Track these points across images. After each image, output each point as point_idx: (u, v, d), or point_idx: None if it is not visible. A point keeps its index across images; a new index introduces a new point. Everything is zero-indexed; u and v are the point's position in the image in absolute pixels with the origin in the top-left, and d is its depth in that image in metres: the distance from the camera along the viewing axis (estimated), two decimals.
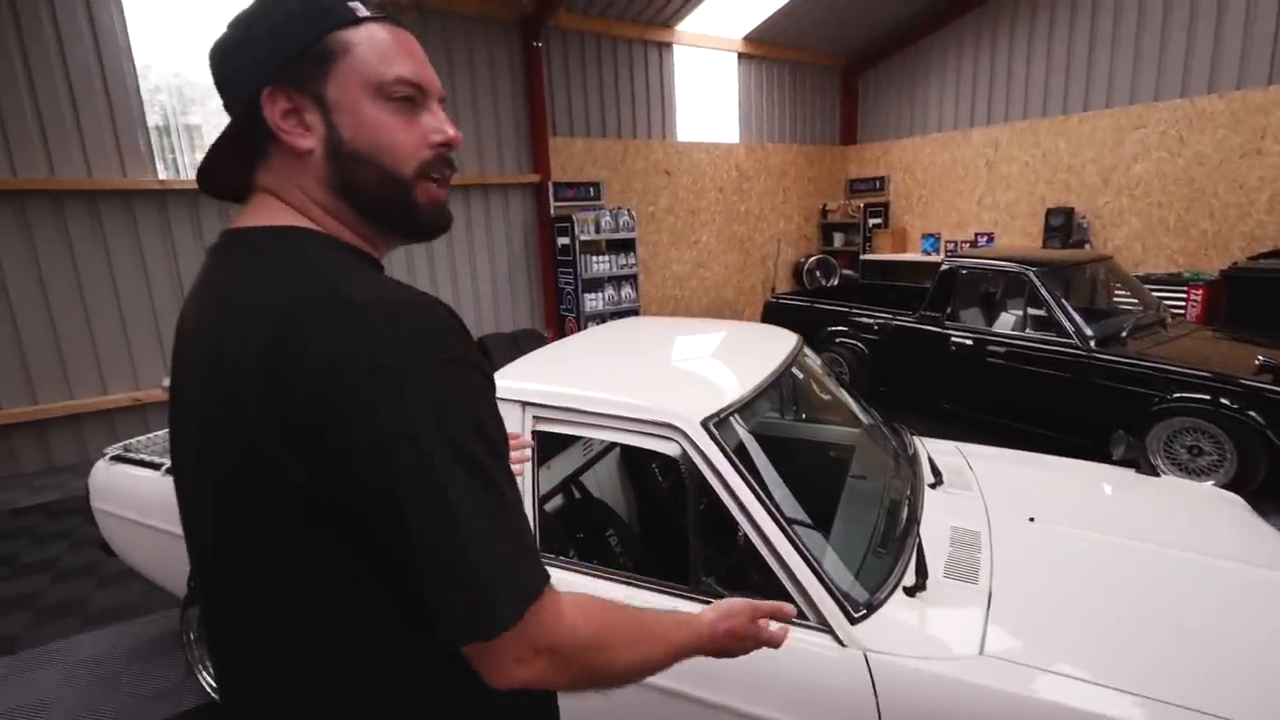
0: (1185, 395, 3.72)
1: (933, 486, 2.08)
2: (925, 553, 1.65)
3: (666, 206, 8.51)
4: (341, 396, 0.61)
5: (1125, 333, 4.24)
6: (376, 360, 0.61)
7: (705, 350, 2.33)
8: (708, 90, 8.79)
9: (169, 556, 2.42)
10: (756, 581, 1.58)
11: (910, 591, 1.56)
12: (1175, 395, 3.75)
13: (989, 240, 8.66)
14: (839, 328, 5.75)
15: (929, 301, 5.11)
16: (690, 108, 8.65)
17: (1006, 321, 4.77)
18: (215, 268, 0.74)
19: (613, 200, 7.84)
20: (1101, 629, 1.52)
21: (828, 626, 1.47)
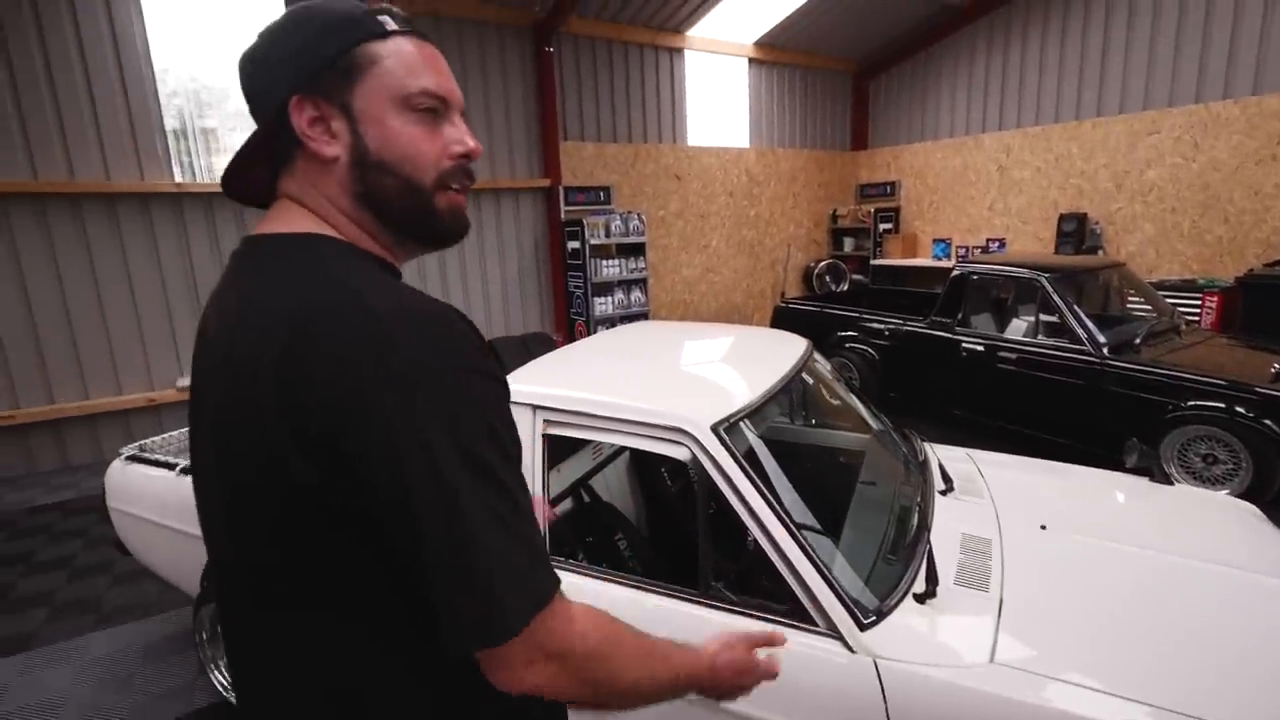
0: (1200, 403, 3.68)
1: (943, 493, 2.07)
2: (935, 559, 1.65)
3: (676, 211, 8.52)
4: (356, 403, 0.61)
5: (1139, 340, 4.21)
6: (391, 367, 0.62)
7: (715, 355, 2.33)
8: (718, 95, 8.81)
9: (183, 556, 2.45)
10: (766, 587, 1.58)
11: (920, 598, 1.56)
12: (1190, 403, 3.71)
13: (1000, 246, 8.61)
14: (849, 333, 5.74)
15: (940, 307, 5.09)
16: (701, 112, 8.67)
17: (1018, 328, 4.74)
18: (237, 272, 0.76)
19: (623, 204, 7.87)
20: (1114, 638, 1.51)
21: (837, 633, 1.47)
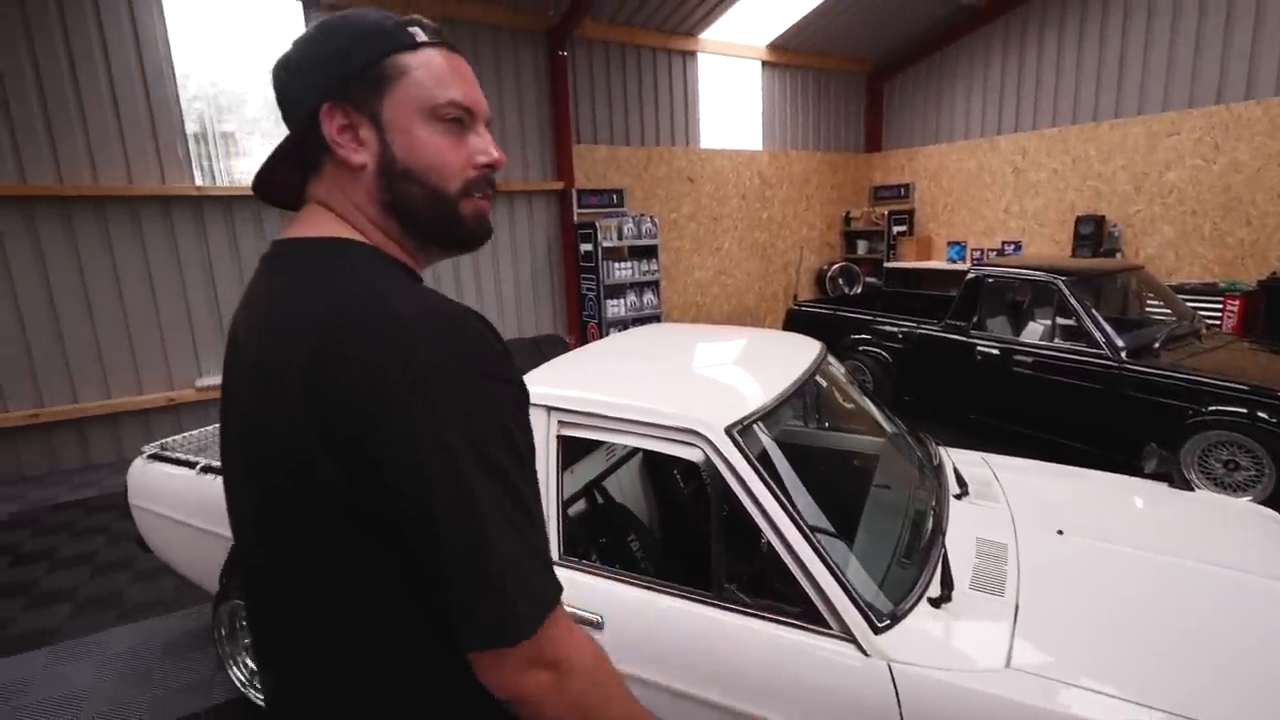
0: (1221, 408, 3.63)
1: (958, 497, 2.06)
2: (950, 564, 1.64)
3: (689, 213, 8.53)
4: (381, 407, 0.63)
5: (1158, 344, 4.16)
6: (415, 371, 0.63)
7: (728, 357, 2.34)
8: (731, 98, 8.81)
9: (202, 553, 2.49)
10: (779, 590, 1.59)
11: (935, 602, 1.55)
12: (1210, 408, 3.66)
13: (1016, 249, 8.53)
14: (862, 336, 5.71)
15: (954, 310, 5.05)
16: (714, 115, 8.67)
17: (1034, 331, 4.70)
18: (267, 276, 0.78)
19: (635, 207, 7.89)
20: (1131, 645, 1.49)
21: (851, 636, 1.47)
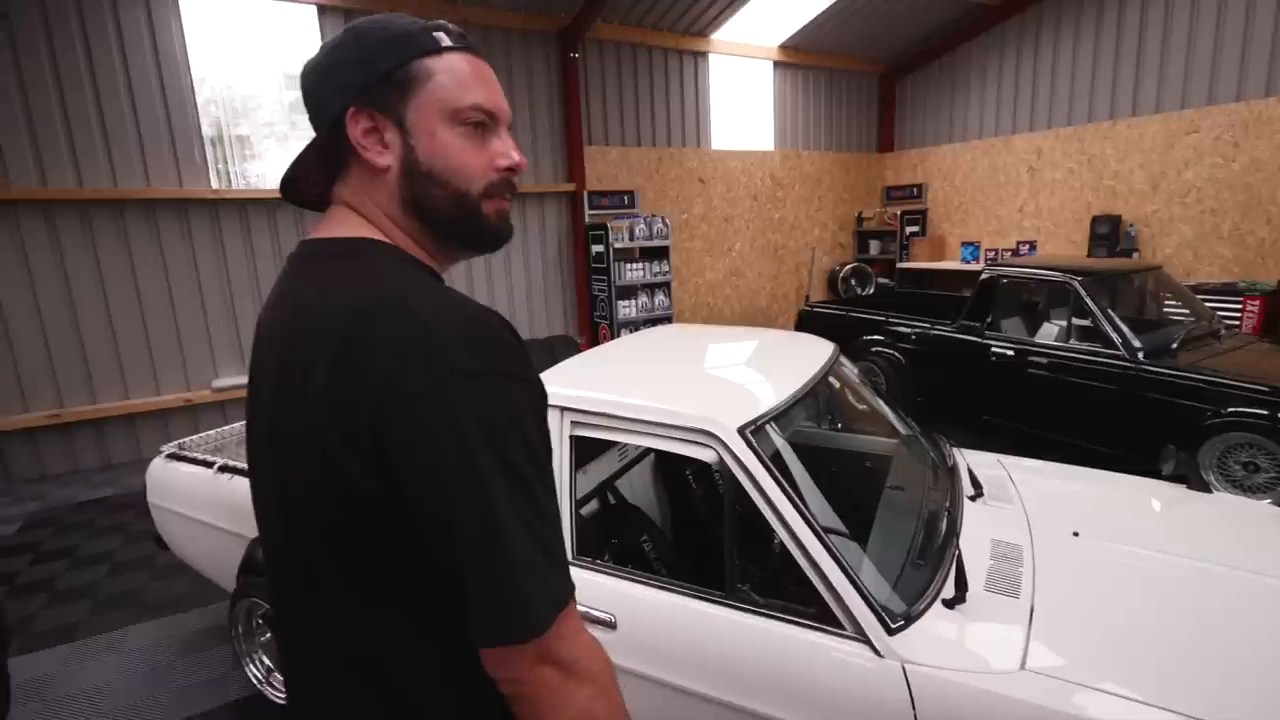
0: (1240, 409, 3.58)
1: (972, 499, 2.05)
2: (965, 565, 1.64)
3: (700, 214, 8.53)
4: (401, 406, 0.64)
5: (1176, 344, 4.10)
6: (436, 371, 0.64)
7: (741, 358, 2.34)
8: (743, 98, 8.80)
9: (220, 551, 2.53)
10: (792, 590, 1.59)
11: (949, 604, 1.55)
12: (1229, 409, 3.61)
13: (1031, 249, 8.46)
14: (875, 337, 5.68)
15: (968, 311, 5.02)
16: (725, 116, 8.67)
17: (1049, 332, 4.66)
18: (292, 276, 0.80)
19: (647, 208, 7.90)
20: (1148, 647, 1.48)
21: (865, 637, 1.47)
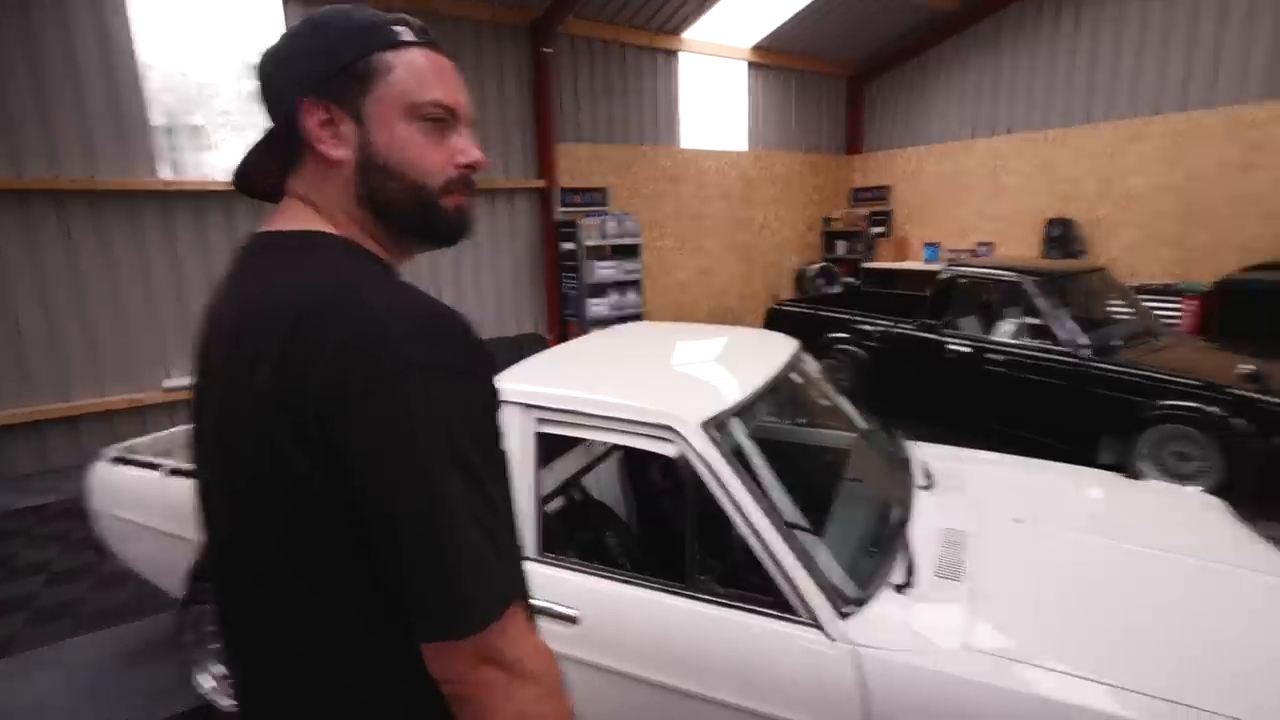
0: (1173, 403, 3.79)
1: (924, 489, 2.14)
2: (915, 552, 1.72)
3: (672, 213, 8.59)
4: (349, 400, 0.64)
5: (1118, 342, 4.31)
6: (385, 365, 0.64)
7: (705, 355, 2.40)
8: (717, 98, 8.89)
9: (169, 558, 2.42)
10: (751, 580, 1.65)
11: (900, 589, 1.63)
12: (1164, 403, 3.81)
13: (989, 250, 8.73)
14: (840, 335, 5.82)
15: (928, 309, 5.18)
16: (699, 115, 8.74)
17: (1003, 330, 4.84)
18: (241, 269, 0.79)
19: (618, 206, 7.93)
20: (1083, 625, 1.58)
21: (818, 622, 1.53)
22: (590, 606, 1.77)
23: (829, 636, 1.52)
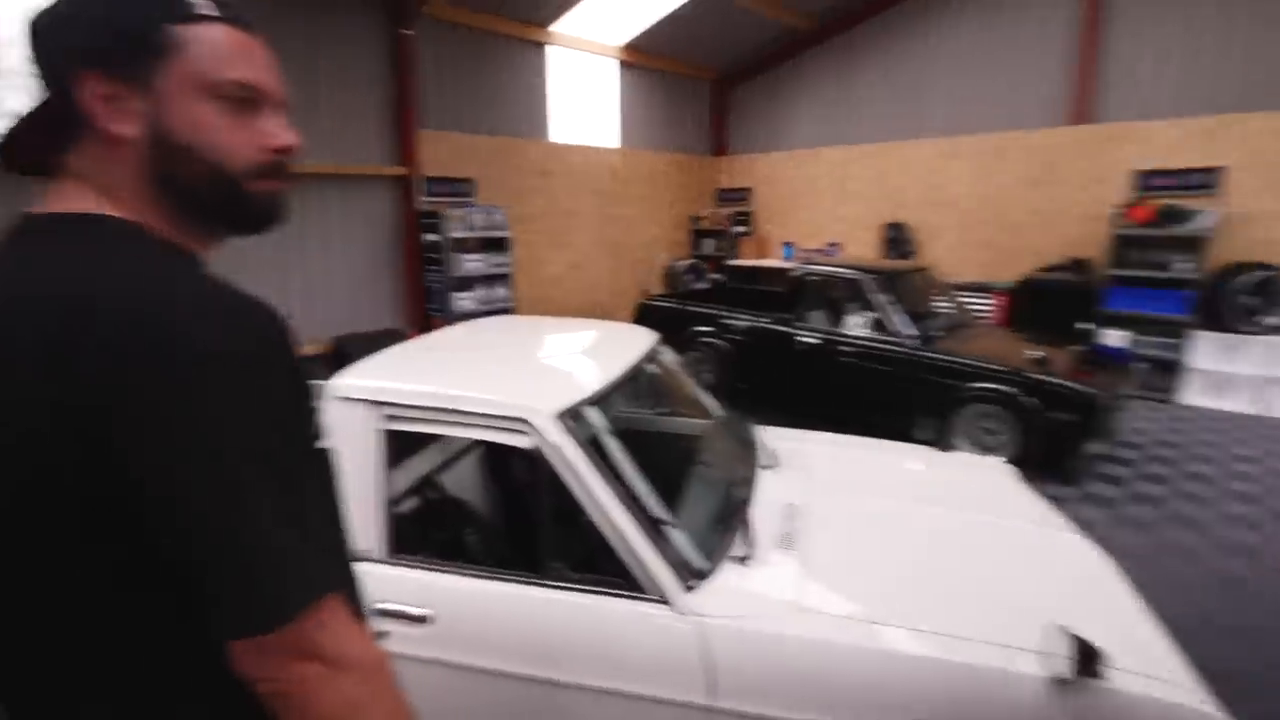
0: (981, 385, 4.36)
1: (768, 469, 2.31)
2: (755, 526, 1.86)
3: (542, 207, 8.51)
4: (131, 394, 0.60)
5: (939, 333, 4.88)
6: (173, 356, 0.61)
7: (563, 347, 2.42)
8: (587, 94, 8.91)
9: None
10: (604, 564, 1.70)
11: (741, 561, 1.75)
12: (974, 385, 4.38)
13: (838, 249, 9.50)
14: (705, 329, 6.07)
15: (782, 305, 5.55)
16: (569, 110, 8.72)
17: (845, 323, 5.31)
18: (7, 254, 0.70)
19: (486, 198, 7.72)
20: (895, 578, 1.79)
21: (665, 597, 1.61)
22: (444, 605, 1.74)
23: (676, 610, 1.60)
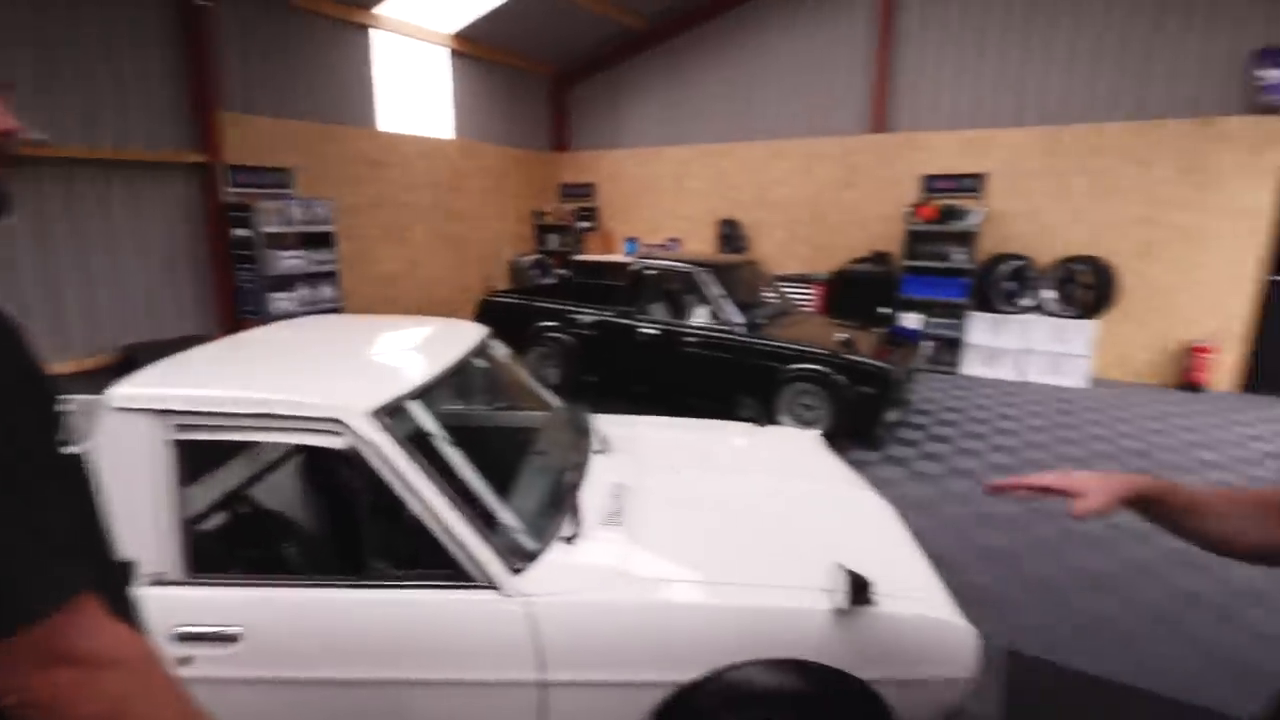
0: (801, 366, 4.83)
1: (599, 453, 2.40)
2: (584, 507, 1.93)
3: (373, 200, 8.02)
4: None
5: (765, 320, 5.32)
6: None
7: (385, 345, 2.34)
8: (420, 83, 8.52)
9: None
10: (429, 558, 1.68)
11: (569, 540, 1.81)
12: (794, 366, 4.84)
13: (678, 244, 9.94)
14: (550, 323, 6.09)
15: (623, 298, 5.73)
16: (399, 99, 8.28)
17: (682, 314, 5.60)
18: None
19: (308, 189, 7.13)
20: (709, 541, 1.95)
21: (493, 582, 1.64)
22: (255, 621, 1.63)
23: (503, 594, 1.63)
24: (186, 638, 1.60)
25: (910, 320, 7.57)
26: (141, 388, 1.70)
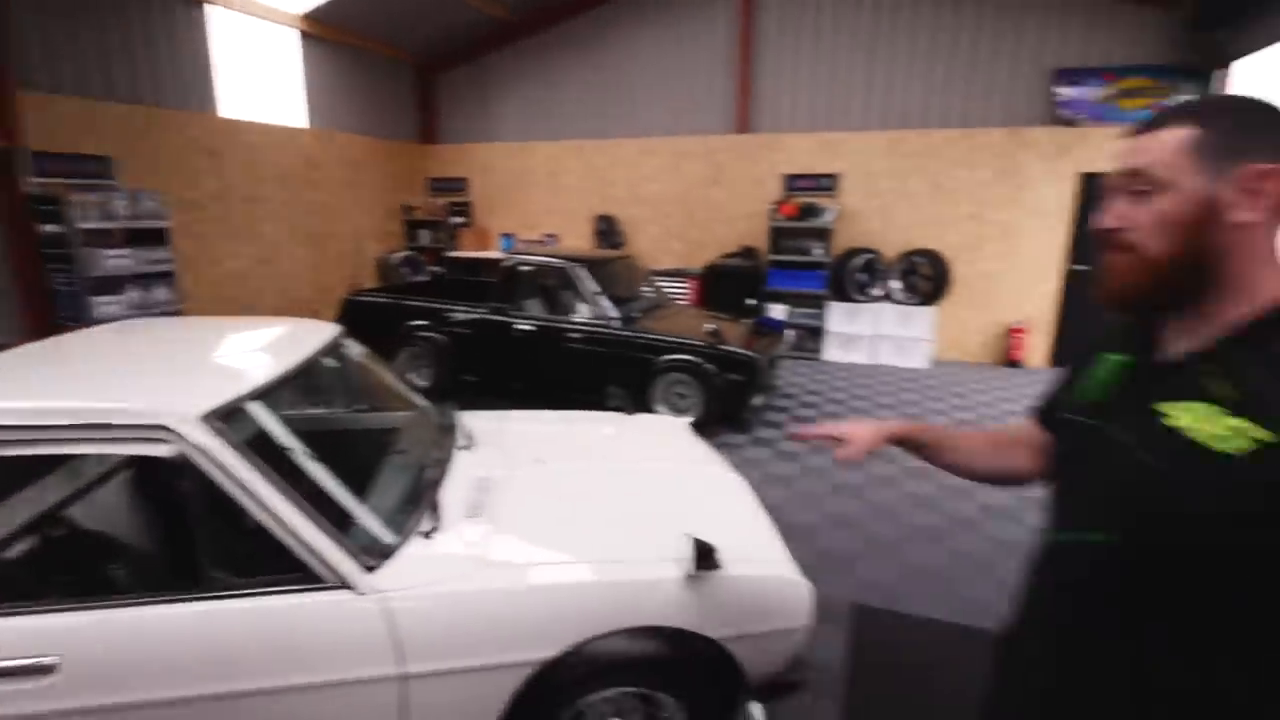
0: (673, 357, 5.03)
1: (464, 449, 2.39)
2: (445, 501, 1.93)
3: (214, 193, 7.33)
4: None
5: (639, 314, 5.47)
6: None
7: (223, 346, 2.19)
8: (265, 66, 7.86)
9: None
10: (275, 564, 1.62)
11: (427, 534, 1.81)
12: (667, 357, 5.03)
13: (555, 240, 9.92)
14: (422, 322, 5.89)
15: (498, 295, 5.66)
16: (242, 82, 7.60)
17: (558, 309, 5.62)
18: None
19: (134, 181, 6.39)
20: (570, 526, 2.02)
21: (346, 582, 1.60)
22: (73, 648, 1.50)
23: (358, 592, 1.61)
24: None
25: (776, 311, 8.06)
26: None
